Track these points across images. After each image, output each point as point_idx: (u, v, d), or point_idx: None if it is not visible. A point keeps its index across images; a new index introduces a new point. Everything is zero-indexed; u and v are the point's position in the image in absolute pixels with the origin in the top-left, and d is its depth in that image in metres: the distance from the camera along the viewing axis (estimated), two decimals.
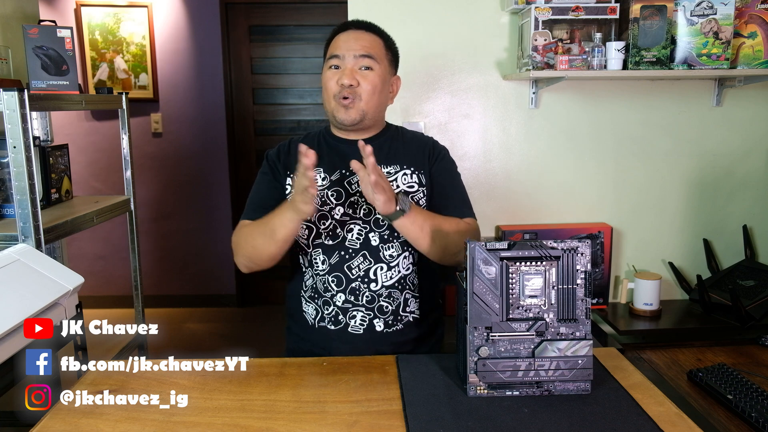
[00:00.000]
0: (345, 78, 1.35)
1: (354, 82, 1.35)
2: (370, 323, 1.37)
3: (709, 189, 2.19)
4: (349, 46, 1.37)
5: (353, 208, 1.38)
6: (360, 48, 1.37)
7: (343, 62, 1.37)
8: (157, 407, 1.10)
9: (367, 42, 1.39)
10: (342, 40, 1.39)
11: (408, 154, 1.44)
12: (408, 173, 1.41)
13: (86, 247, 3.97)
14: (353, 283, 1.37)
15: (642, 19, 1.88)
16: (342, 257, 1.37)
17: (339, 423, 1.04)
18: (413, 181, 1.41)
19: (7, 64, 2.00)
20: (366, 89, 1.37)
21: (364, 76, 1.37)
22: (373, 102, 1.39)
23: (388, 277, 1.37)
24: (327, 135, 1.48)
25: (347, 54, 1.37)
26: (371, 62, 1.37)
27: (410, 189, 1.40)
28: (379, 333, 1.38)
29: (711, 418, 1.24)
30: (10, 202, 1.80)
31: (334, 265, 1.37)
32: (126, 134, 2.18)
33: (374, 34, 1.42)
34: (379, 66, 1.39)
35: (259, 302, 4.14)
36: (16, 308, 1.21)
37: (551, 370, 1.11)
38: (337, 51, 1.38)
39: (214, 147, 3.93)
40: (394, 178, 1.40)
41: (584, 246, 1.11)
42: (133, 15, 3.74)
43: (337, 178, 1.40)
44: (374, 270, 1.37)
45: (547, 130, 2.15)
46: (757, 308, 1.85)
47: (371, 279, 1.37)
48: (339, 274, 1.37)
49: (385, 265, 1.37)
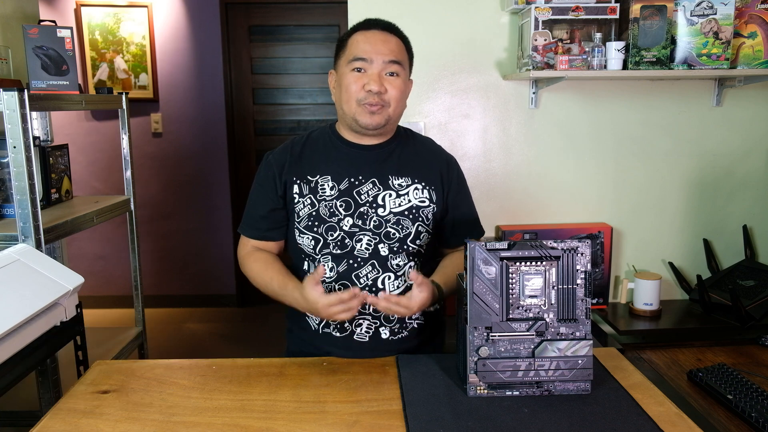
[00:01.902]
0: (373, 84, 1.29)
1: (383, 89, 1.30)
2: (375, 331, 1.36)
3: (709, 189, 2.19)
4: (377, 49, 1.31)
5: (362, 219, 1.34)
6: (389, 53, 1.31)
7: (371, 66, 1.31)
8: (157, 407, 1.10)
9: (395, 46, 1.33)
10: (368, 41, 1.32)
11: (420, 167, 1.40)
12: (419, 188, 1.37)
13: (86, 247, 3.97)
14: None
15: (642, 19, 1.88)
16: (350, 266, 1.35)
17: (339, 423, 1.04)
18: (424, 197, 1.37)
19: (7, 64, 2.00)
20: (394, 96, 1.32)
21: (391, 83, 1.32)
22: (399, 108, 1.35)
23: (396, 286, 1.35)
24: (334, 137, 1.41)
25: (376, 58, 1.30)
26: (398, 68, 1.33)
27: (421, 204, 1.37)
28: (385, 340, 1.36)
29: (711, 418, 1.24)
30: (10, 202, 1.80)
31: (342, 274, 1.35)
32: (126, 134, 2.18)
33: (399, 38, 1.36)
34: (404, 72, 1.35)
35: (259, 302, 4.13)
36: (16, 308, 1.21)
37: (551, 370, 1.11)
38: (363, 54, 1.31)
39: (214, 147, 3.93)
40: (406, 191, 1.36)
41: (584, 246, 1.11)
42: (133, 15, 3.74)
43: (346, 188, 1.35)
44: (382, 279, 1.35)
45: (547, 130, 2.15)
46: (757, 308, 1.85)
47: (379, 288, 1.35)
48: (346, 282, 1.35)
49: (393, 274, 1.35)
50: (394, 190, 1.36)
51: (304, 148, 1.41)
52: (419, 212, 1.36)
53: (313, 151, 1.40)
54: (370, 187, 1.35)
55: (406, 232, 1.34)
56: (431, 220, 1.38)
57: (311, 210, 1.35)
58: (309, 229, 1.35)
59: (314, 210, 1.35)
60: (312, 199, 1.36)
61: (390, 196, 1.36)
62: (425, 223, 1.37)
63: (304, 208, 1.36)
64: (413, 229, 1.35)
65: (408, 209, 1.36)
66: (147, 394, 1.14)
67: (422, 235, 1.36)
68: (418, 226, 1.36)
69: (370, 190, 1.35)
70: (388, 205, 1.35)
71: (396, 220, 1.34)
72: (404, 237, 1.34)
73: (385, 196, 1.35)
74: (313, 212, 1.35)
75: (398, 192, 1.36)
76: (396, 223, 1.34)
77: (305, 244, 1.37)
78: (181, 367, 1.26)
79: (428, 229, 1.38)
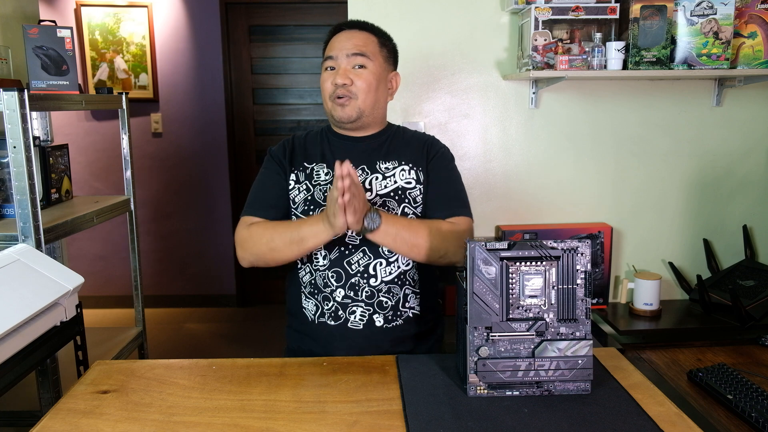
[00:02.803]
0: (339, 77, 1.37)
1: (347, 80, 1.38)
2: (369, 318, 1.38)
3: (709, 189, 2.19)
4: (342, 45, 1.40)
5: None
6: (352, 47, 1.39)
7: (337, 62, 1.40)
8: (157, 407, 1.10)
9: (359, 40, 1.41)
10: (337, 40, 1.42)
11: (407, 151, 1.46)
12: (406, 169, 1.43)
13: (86, 247, 3.97)
14: (353, 279, 1.37)
15: (642, 19, 1.88)
16: (342, 252, 1.38)
17: (339, 423, 1.04)
18: (411, 177, 1.42)
19: (7, 64, 2.00)
20: (361, 87, 1.39)
21: (358, 75, 1.39)
22: (370, 99, 1.41)
23: (388, 272, 1.38)
24: (329, 133, 1.50)
25: (340, 54, 1.40)
26: (364, 60, 1.40)
27: (407, 185, 1.41)
28: (379, 328, 1.38)
29: (711, 418, 1.24)
30: (10, 202, 1.80)
31: (334, 261, 1.38)
32: (126, 134, 2.18)
33: (367, 32, 1.44)
34: (373, 63, 1.41)
35: (259, 302, 4.14)
36: (16, 308, 1.21)
37: (551, 370, 1.11)
38: (331, 52, 1.41)
39: (214, 147, 3.93)
40: (393, 173, 1.42)
41: (584, 246, 1.11)
42: (133, 15, 3.74)
43: None
44: (374, 265, 1.38)
45: (547, 130, 2.15)
46: (757, 308, 1.85)
47: (371, 274, 1.38)
48: (338, 270, 1.38)
49: (385, 260, 1.38)
50: (381, 173, 1.41)
51: (302, 141, 1.50)
52: (405, 193, 1.40)
53: (311, 144, 1.49)
54: (359, 173, 1.41)
55: (392, 213, 1.37)
56: (419, 203, 1.41)
57: (306, 195, 1.41)
58: (305, 213, 1.40)
59: (309, 195, 1.41)
60: (308, 184, 1.42)
61: (377, 179, 1.41)
62: (412, 204, 1.40)
63: (299, 194, 1.42)
64: (399, 210, 1.39)
65: (393, 191, 1.40)
66: (147, 394, 1.14)
67: (409, 217, 1.39)
68: (404, 207, 1.39)
69: (359, 175, 1.40)
70: (375, 188, 1.40)
71: (382, 202, 1.39)
72: None
73: (372, 179, 1.41)
74: (309, 197, 1.41)
75: (384, 174, 1.41)
76: (382, 205, 1.39)
77: None
78: (181, 367, 1.26)
79: (415, 210, 1.40)
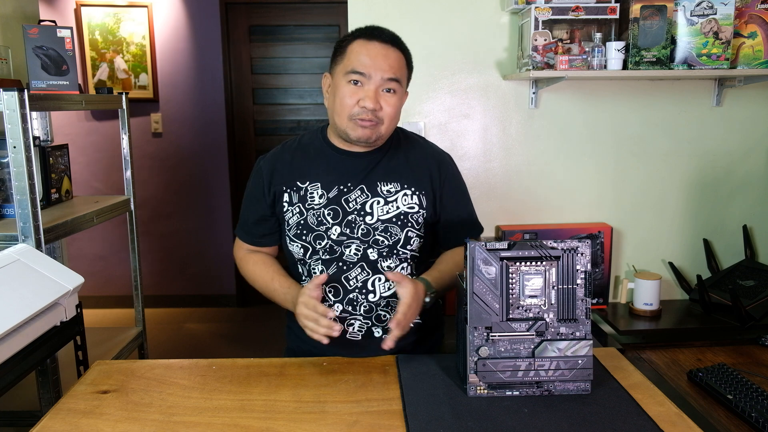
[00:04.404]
0: (368, 101, 1.26)
1: (377, 106, 1.27)
2: (368, 330, 1.36)
3: (709, 189, 2.19)
4: (377, 64, 1.27)
5: (350, 227, 1.33)
6: (388, 69, 1.28)
7: (368, 82, 1.27)
8: (157, 407, 1.10)
9: (395, 62, 1.29)
10: (368, 54, 1.28)
11: (410, 172, 1.37)
12: (408, 194, 1.35)
13: (86, 247, 3.97)
14: (351, 294, 1.34)
15: (642, 19, 1.88)
16: (340, 268, 1.34)
17: (339, 423, 1.04)
18: (414, 202, 1.35)
19: (7, 64, 2.00)
20: (388, 113, 1.29)
21: (386, 100, 1.29)
22: (393, 125, 1.33)
23: (386, 288, 1.35)
24: (325, 144, 1.39)
25: (374, 74, 1.27)
26: (396, 86, 1.29)
27: (410, 210, 1.35)
28: (378, 339, 1.35)
29: (711, 418, 1.24)
30: (10, 202, 1.80)
31: (332, 276, 1.34)
32: (126, 134, 2.18)
33: (400, 52, 1.32)
34: (402, 88, 1.32)
35: (259, 302, 4.13)
36: (16, 308, 1.21)
37: (551, 370, 1.11)
38: (362, 68, 1.27)
39: (214, 147, 3.93)
40: (395, 198, 1.35)
41: (584, 246, 1.11)
42: (133, 15, 3.74)
43: (335, 196, 1.34)
44: (372, 281, 1.34)
45: (547, 130, 2.15)
46: (757, 308, 1.85)
47: (369, 290, 1.34)
48: (336, 285, 1.35)
49: (383, 276, 1.35)
50: (383, 197, 1.35)
51: (294, 155, 1.40)
52: (408, 218, 1.35)
53: (303, 158, 1.40)
54: (358, 195, 1.34)
55: (395, 238, 1.34)
56: (422, 225, 1.37)
57: (299, 219, 1.36)
58: (298, 237, 1.36)
59: (302, 219, 1.35)
60: (300, 207, 1.36)
61: (378, 203, 1.34)
62: (415, 228, 1.35)
63: (293, 216, 1.37)
64: (402, 236, 1.34)
65: (396, 216, 1.34)
66: (147, 394, 1.14)
67: (413, 240, 1.35)
68: (407, 231, 1.35)
69: (358, 197, 1.34)
70: (376, 213, 1.34)
71: (384, 227, 1.33)
72: (394, 243, 1.34)
73: (373, 203, 1.34)
74: (302, 221, 1.35)
75: (386, 199, 1.35)
76: (384, 230, 1.33)
77: (295, 251, 1.38)
78: (181, 367, 1.26)
79: (419, 233, 1.36)
